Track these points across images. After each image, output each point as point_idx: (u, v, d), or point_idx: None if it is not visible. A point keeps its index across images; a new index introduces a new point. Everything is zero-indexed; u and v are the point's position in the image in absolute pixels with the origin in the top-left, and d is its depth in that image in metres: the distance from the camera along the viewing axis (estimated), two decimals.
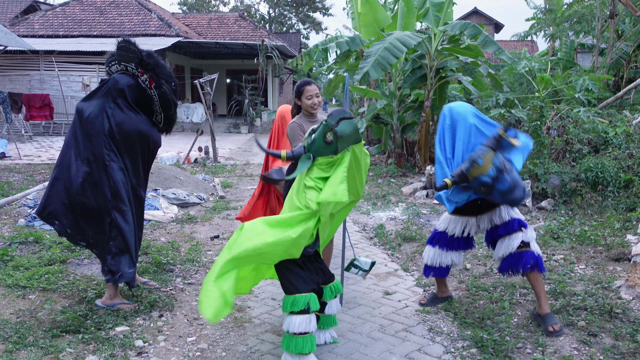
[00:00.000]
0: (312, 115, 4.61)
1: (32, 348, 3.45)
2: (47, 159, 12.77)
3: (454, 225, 4.06)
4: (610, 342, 3.61)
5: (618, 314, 3.95)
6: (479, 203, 3.91)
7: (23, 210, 7.24)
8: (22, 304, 4.13)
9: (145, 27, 22.57)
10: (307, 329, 3.22)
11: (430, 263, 4.18)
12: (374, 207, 8.12)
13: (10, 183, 9.09)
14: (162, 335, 3.78)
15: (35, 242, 5.77)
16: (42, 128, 18.73)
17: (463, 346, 3.71)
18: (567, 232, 6.30)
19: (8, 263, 4.99)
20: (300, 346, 3.21)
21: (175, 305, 4.31)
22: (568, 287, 4.49)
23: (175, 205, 7.73)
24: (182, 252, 5.67)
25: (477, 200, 3.88)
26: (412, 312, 4.34)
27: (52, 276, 4.67)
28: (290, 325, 3.23)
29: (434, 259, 4.15)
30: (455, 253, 4.12)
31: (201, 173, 10.83)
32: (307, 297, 3.24)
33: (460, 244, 4.10)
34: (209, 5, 54.52)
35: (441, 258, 4.12)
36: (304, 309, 3.22)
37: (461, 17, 46.33)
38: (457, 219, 4.04)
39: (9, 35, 17.11)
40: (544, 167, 8.07)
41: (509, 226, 3.86)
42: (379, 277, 5.17)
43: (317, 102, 4.52)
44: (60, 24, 22.80)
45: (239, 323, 4.03)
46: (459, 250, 4.13)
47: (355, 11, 15.38)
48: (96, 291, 4.42)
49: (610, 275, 4.90)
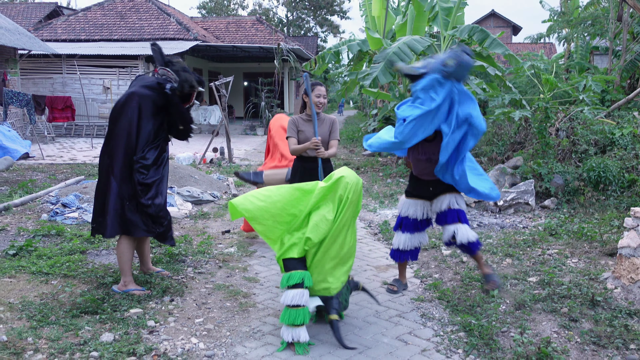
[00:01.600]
0: (317, 114, 4.97)
1: (54, 326, 3.78)
2: (69, 159, 13.23)
3: (414, 209, 4.59)
4: (589, 326, 3.84)
5: (600, 301, 4.18)
6: (431, 189, 4.53)
7: (46, 207, 7.63)
8: (45, 288, 4.48)
9: (164, 31, 23.06)
10: (300, 302, 3.57)
11: (402, 248, 4.63)
12: (381, 205, 8.39)
13: (34, 181, 9.51)
14: (172, 317, 4.09)
15: (57, 235, 6.14)
16: (64, 130, 19.29)
17: (452, 330, 3.96)
18: (565, 229, 6.51)
19: (32, 253, 5.36)
20: (293, 317, 3.56)
21: (186, 291, 4.62)
22: (556, 278, 4.72)
23: (190, 203, 8.07)
24: (194, 244, 5.99)
25: (428, 187, 4.53)
26: (407, 300, 4.60)
27: (72, 264, 5.03)
28: (285, 298, 3.60)
29: (405, 243, 4.62)
30: (421, 234, 4.64)
31: (216, 172, 11.18)
32: (301, 273, 3.61)
33: (423, 224, 4.62)
34: (227, 9, 55.16)
35: (411, 241, 4.62)
36: (298, 283, 3.56)
37: (478, 19, 46.36)
38: (416, 202, 4.60)
39: (33, 40, 17.69)
40: (548, 167, 8.26)
41: (448, 217, 4.48)
42: (379, 269, 5.44)
43: (323, 102, 4.93)
44: (82, 28, 23.39)
45: (244, 307, 4.33)
46: (423, 231, 4.66)
47: (369, 15, 15.68)
48: (113, 278, 4.75)
49: (601, 268, 5.11)
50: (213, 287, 4.77)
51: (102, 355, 3.38)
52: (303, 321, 3.59)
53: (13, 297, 4.27)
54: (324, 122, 5.02)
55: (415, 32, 11.62)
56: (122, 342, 3.57)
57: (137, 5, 24.76)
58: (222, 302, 4.44)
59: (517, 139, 10.69)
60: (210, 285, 4.80)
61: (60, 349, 3.45)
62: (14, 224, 6.63)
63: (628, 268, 4.48)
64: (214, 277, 5.03)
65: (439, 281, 4.96)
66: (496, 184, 8.45)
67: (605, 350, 3.55)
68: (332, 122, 5.03)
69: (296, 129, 5.07)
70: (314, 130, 4.89)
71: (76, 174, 10.48)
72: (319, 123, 5.01)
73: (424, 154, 4.48)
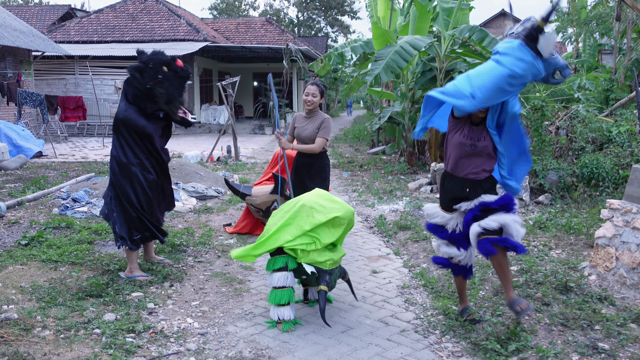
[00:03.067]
0: (310, 112, 5.27)
1: (61, 307, 4.09)
2: (81, 157, 13.62)
3: (451, 222, 4.00)
4: (560, 310, 4.09)
5: (573, 287, 4.42)
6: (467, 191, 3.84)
7: (57, 202, 7.97)
8: (53, 274, 4.80)
9: (174, 32, 23.46)
10: (285, 284, 3.89)
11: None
12: (380, 201, 8.64)
13: (47, 178, 9.88)
14: (171, 300, 4.39)
15: (66, 227, 6.47)
16: (76, 129, 19.74)
17: (432, 314, 4.23)
18: (554, 223, 6.73)
19: (42, 243, 5.69)
20: (279, 297, 3.89)
21: (185, 278, 4.92)
22: (535, 267, 4.96)
23: (194, 198, 8.39)
24: (196, 236, 6.30)
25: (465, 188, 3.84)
26: (393, 287, 4.87)
27: (80, 253, 5.35)
28: (272, 280, 3.93)
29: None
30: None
31: (222, 170, 11.50)
32: (285, 258, 3.90)
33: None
34: (239, 9, 55.59)
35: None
36: (282, 267, 3.88)
37: (489, 19, 46.32)
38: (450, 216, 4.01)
39: (47, 42, 18.15)
40: (542, 164, 8.47)
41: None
42: (371, 259, 5.71)
43: (311, 100, 5.20)
44: (94, 30, 23.87)
45: (238, 292, 4.63)
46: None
47: (375, 15, 15.91)
48: (118, 266, 5.06)
49: (582, 258, 5.34)
50: (211, 274, 5.06)
51: (104, 332, 3.68)
52: (288, 300, 3.90)
53: (24, 281, 4.60)
54: (316, 119, 5.29)
55: (418, 32, 11.83)
56: (123, 321, 3.87)
57: (148, 7, 25.20)
58: (218, 288, 4.73)
59: None
60: (208, 273, 5.10)
61: (66, 327, 3.76)
62: (26, 217, 6.98)
63: (603, 257, 4.71)
64: (212, 265, 5.33)
65: (425, 270, 5.22)
66: None
67: (572, 331, 3.79)
68: (323, 120, 5.27)
69: (293, 125, 5.38)
70: (275, 124, 5.27)
71: (87, 172, 10.84)
72: (312, 121, 5.29)
73: (469, 137, 3.78)
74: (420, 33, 11.87)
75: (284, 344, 3.70)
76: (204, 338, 3.76)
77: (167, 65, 4.78)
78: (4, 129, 12.83)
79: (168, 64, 4.79)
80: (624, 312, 4.00)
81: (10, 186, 9.12)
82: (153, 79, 4.70)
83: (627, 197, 4.68)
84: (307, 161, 5.32)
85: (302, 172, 5.37)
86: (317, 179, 5.30)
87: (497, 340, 3.64)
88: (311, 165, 5.31)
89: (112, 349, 3.47)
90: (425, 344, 3.74)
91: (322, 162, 5.41)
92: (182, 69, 4.88)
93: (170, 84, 4.77)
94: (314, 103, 5.26)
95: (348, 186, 10.12)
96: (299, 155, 5.40)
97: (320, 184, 5.18)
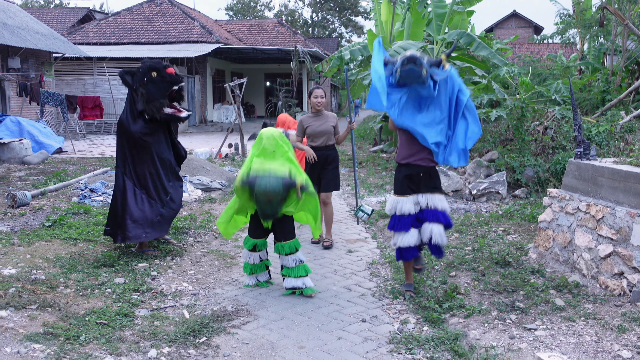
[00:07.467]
0: (318, 112, 6.12)
1: (79, 273, 4.95)
2: (98, 153, 14.57)
3: (408, 206, 4.55)
4: (496, 280, 4.84)
5: (511, 262, 5.17)
6: (422, 175, 4.49)
7: (76, 192, 8.86)
8: (73, 249, 5.66)
9: (188, 34, 24.41)
10: (250, 261, 4.79)
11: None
12: (369, 194, 9.42)
13: (67, 171, 10.81)
14: (171, 270, 5.23)
15: (85, 213, 7.34)
16: (94, 127, 20.74)
17: (390, 283, 5.00)
18: (521, 213, 7.45)
19: (64, 225, 6.56)
20: (248, 269, 4.84)
21: (185, 254, 5.76)
22: (486, 247, 5.70)
23: (200, 190, 9.23)
24: (198, 221, 7.13)
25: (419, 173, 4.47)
26: (363, 263, 5.65)
27: (96, 233, 6.22)
28: (243, 255, 4.85)
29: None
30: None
31: (228, 165, 12.34)
32: (253, 240, 4.75)
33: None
34: (254, 10, 56.49)
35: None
36: (250, 249, 4.76)
37: (500, 20, 46.78)
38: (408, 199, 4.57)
39: (66, 44, 19.17)
40: (519, 161, 9.19)
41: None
42: (349, 242, 6.50)
43: (320, 102, 6.10)
44: (112, 32, 24.90)
45: (229, 265, 5.45)
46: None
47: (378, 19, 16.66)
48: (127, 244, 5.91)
49: (531, 241, 6.07)
50: (207, 251, 5.90)
51: (114, 291, 4.53)
52: (250, 271, 4.85)
53: (49, 254, 5.46)
54: (325, 116, 6.26)
55: (413, 37, 12.57)
56: (130, 284, 4.71)
57: (164, 9, 26.19)
58: (212, 262, 5.56)
59: (507, 136, 11.62)
60: (205, 250, 5.93)
61: (84, 287, 4.60)
62: (49, 205, 7.86)
63: (544, 238, 5.45)
64: (209, 244, 6.16)
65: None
66: (472, 175, 9.43)
67: (499, 295, 4.55)
68: (334, 116, 6.33)
69: (303, 127, 6.21)
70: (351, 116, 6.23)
71: (103, 166, 11.74)
72: (322, 118, 6.22)
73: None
74: (416, 38, 12.61)
75: (261, 302, 4.51)
76: (195, 297, 4.59)
77: (157, 71, 5.45)
78: (27, 126, 13.80)
79: (157, 69, 5.45)
80: (548, 282, 4.74)
81: (34, 178, 10.04)
82: (139, 82, 5.44)
83: (564, 187, 5.42)
84: (323, 153, 6.22)
85: (317, 163, 6.22)
86: (331, 166, 6.28)
87: (436, 301, 4.41)
88: (327, 156, 6.25)
89: (120, 302, 4.30)
90: (379, 305, 4.53)
91: (335, 152, 6.37)
92: (170, 75, 5.48)
93: (154, 86, 5.40)
94: (322, 104, 6.13)
95: (344, 181, 10.90)
96: (315, 150, 6.23)
97: (333, 170, 6.25)
